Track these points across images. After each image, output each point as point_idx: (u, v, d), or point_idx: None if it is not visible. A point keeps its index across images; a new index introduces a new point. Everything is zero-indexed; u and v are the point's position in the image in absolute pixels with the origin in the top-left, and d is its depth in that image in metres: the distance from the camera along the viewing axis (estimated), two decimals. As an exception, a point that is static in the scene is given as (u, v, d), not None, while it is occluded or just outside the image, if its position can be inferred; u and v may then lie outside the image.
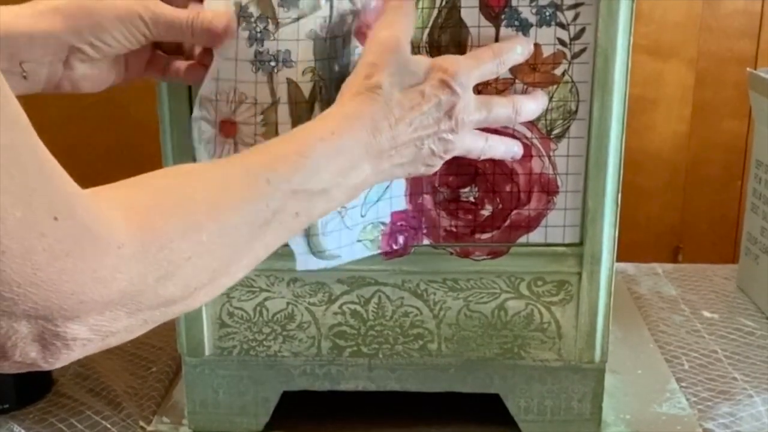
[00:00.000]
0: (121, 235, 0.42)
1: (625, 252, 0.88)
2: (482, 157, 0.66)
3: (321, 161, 0.55)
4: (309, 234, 0.69)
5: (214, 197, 0.50)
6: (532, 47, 0.67)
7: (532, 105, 0.67)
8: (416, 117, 0.60)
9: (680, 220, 1.67)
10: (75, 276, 0.39)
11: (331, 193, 0.56)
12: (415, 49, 0.67)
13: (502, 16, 0.67)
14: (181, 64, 0.66)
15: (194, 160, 0.70)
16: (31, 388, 0.83)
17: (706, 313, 1.02)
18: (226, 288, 0.52)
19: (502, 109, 0.65)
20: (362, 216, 0.70)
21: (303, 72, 0.64)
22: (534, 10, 0.67)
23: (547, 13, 0.67)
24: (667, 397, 0.84)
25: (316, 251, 0.70)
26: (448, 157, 0.63)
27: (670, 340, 0.95)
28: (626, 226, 0.80)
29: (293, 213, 0.54)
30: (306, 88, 0.64)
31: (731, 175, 1.63)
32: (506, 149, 0.68)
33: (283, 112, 0.64)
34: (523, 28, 0.67)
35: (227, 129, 0.65)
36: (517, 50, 0.67)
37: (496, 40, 0.67)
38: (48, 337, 0.40)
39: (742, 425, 0.79)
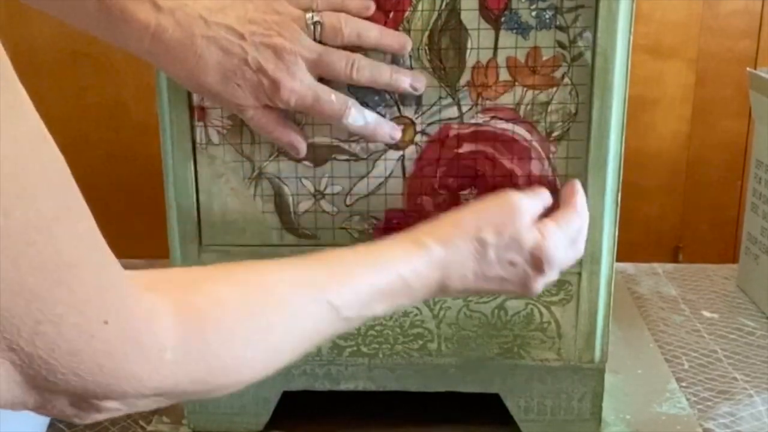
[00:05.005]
0: (166, 340, 0.44)
1: (625, 252, 0.88)
2: None
3: (387, 296, 0.57)
4: (281, 211, 0.72)
5: (273, 319, 0.50)
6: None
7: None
8: (496, 281, 0.62)
9: (680, 220, 1.67)
10: (114, 372, 0.41)
11: (378, 316, 0.60)
12: (415, 51, 0.67)
13: (502, 19, 0.67)
14: None
15: (194, 161, 0.71)
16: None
17: (706, 313, 1.02)
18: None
19: (569, 264, 0.67)
20: (347, 205, 0.72)
21: None
22: (534, 13, 0.67)
23: (547, 16, 0.67)
24: (667, 397, 0.84)
25: (288, 227, 0.72)
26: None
27: (670, 340, 0.95)
28: (626, 226, 0.80)
29: (335, 332, 0.55)
30: None
31: (731, 175, 1.63)
32: None
33: None
34: (523, 31, 0.67)
35: (199, 113, 0.70)
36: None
37: (496, 42, 0.67)
38: (83, 407, 0.42)
39: (742, 425, 0.79)
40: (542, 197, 0.67)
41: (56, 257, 0.37)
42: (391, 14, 0.67)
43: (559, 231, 0.64)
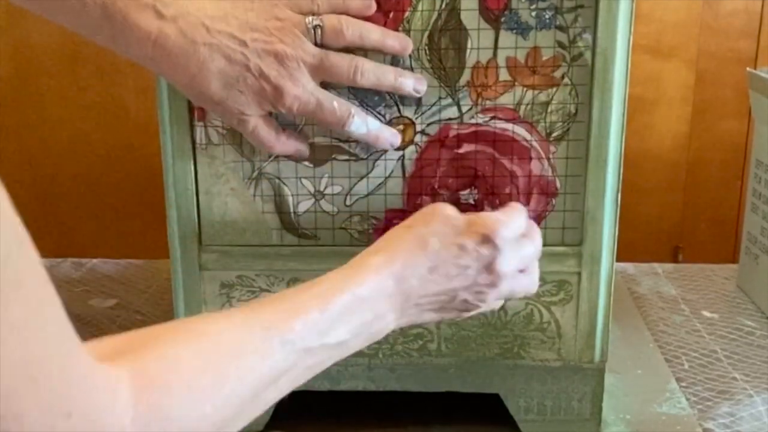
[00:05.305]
0: (126, 417, 0.42)
1: (625, 252, 0.88)
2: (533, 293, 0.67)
3: (343, 316, 0.55)
4: (281, 211, 0.72)
5: (226, 367, 0.49)
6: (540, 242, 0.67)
7: (540, 236, 0.67)
8: (453, 269, 0.60)
9: (680, 220, 1.67)
10: None
11: (349, 344, 0.57)
12: (415, 51, 0.67)
13: (502, 19, 0.67)
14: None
15: (194, 161, 0.71)
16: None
17: (706, 313, 1.02)
18: None
19: (529, 248, 0.65)
20: (347, 205, 0.72)
21: None
22: (533, 13, 0.67)
23: (547, 16, 0.67)
24: (667, 397, 0.84)
25: (289, 227, 0.73)
26: (486, 306, 0.64)
27: (670, 340, 0.95)
28: (626, 226, 0.80)
29: (305, 367, 0.54)
30: None
31: (731, 175, 1.63)
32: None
33: None
34: (523, 31, 0.67)
35: (199, 113, 0.70)
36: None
37: (496, 42, 0.67)
38: None
39: (742, 425, 0.79)
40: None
41: (27, 355, 0.36)
42: (391, 14, 0.67)
43: (496, 214, 0.64)
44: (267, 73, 0.62)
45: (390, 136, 0.68)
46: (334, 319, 0.55)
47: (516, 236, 0.63)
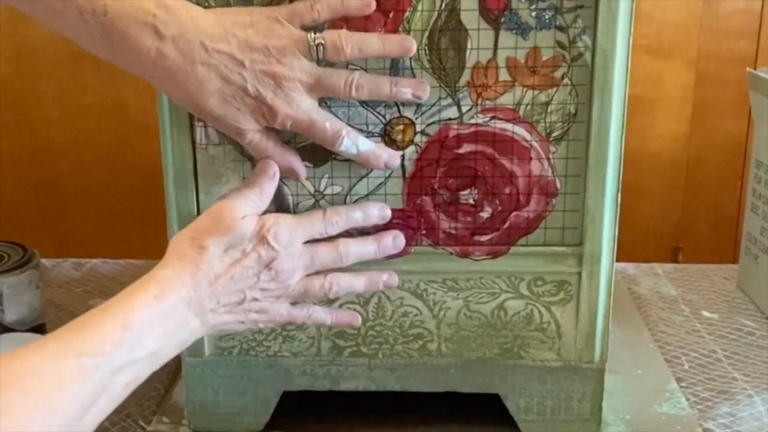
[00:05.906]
0: None
1: (625, 252, 0.88)
2: (332, 294, 0.70)
3: (146, 328, 0.59)
4: (281, 212, 0.72)
5: (53, 401, 0.52)
6: (375, 213, 0.70)
7: (356, 248, 0.70)
8: (237, 271, 0.64)
9: (680, 220, 1.67)
10: None
11: (159, 354, 0.60)
12: (415, 51, 0.67)
13: (502, 19, 0.67)
14: None
15: (194, 161, 0.71)
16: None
17: (706, 313, 1.02)
18: None
19: (326, 255, 0.68)
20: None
21: None
22: (533, 14, 0.67)
23: (547, 17, 0.67)
24: (667, 397, 0.84)
25: None
26: (282, 302, 0.68)
27: (670, 340, 0.95)
28: (626, 226, 0.80)
29: (123, 384, 0.57)
30: None
31: (731, 175, 1.63)
32: (357, 281, 0.71)
33: None
34: (523, 31, 0.67)
35: None
36: (357, 214, 0.70)
37: (496, 43, 0.67)
38: None
39: (742, 425, 0.79)
40: (256, 196, 0.68)
41: None
42: (391, 14, 0.67)
43: (288, 217, 0.67)
44: (263, 95, 0.64)
45: (387, 158, 0.69)
46: (140, 334, 0.58)
47: (303, 238, 0.67)
